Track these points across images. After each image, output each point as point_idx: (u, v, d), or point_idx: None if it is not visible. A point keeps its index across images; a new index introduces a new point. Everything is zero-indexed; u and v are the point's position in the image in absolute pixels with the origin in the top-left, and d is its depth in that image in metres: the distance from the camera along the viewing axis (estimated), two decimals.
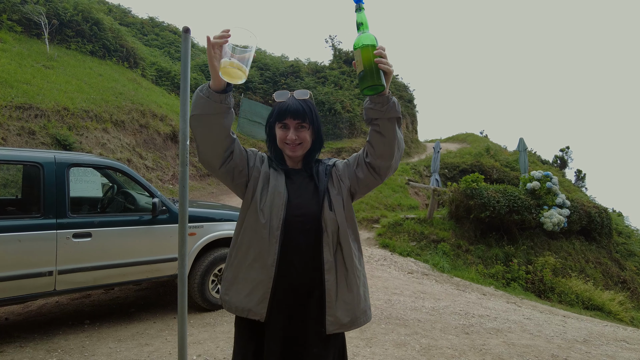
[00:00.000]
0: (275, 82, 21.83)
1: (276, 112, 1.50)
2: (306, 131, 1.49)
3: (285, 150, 1.51)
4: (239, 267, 1.48)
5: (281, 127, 1.48)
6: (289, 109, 1.45)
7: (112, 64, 14.25)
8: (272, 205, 1.43)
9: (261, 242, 1.42)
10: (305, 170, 1.58)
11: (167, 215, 3.97)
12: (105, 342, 3.50)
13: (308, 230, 1.45)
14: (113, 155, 9.05)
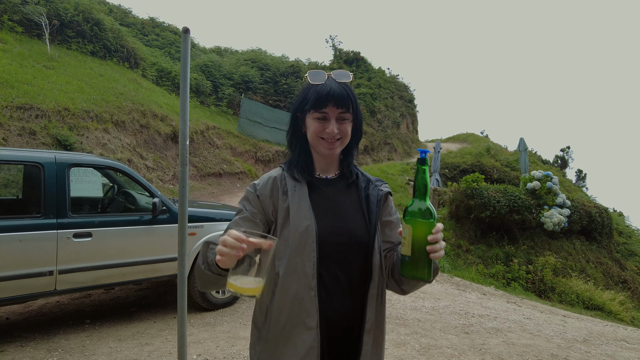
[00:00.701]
0: (276, 82, 21.83)
1: (314, 99, 1.16)
2: (348, 123, 1.19)
3: (318, 146, 1.20)
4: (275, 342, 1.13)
5: (318, 118, 1.17)
6: (332, 95, 1.14)
7: (113, 64, 14.27)
8: (299, 239, 1.10)
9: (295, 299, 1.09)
10: (341, 178, 1.28)
11: (167, 215, 3.99)
12: (106, 341, 3.51)
13: (350, 263, 1.15)
14: (114, 156, 9.06)
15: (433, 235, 0.97)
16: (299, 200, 1.15)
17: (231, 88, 20.00)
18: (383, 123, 23.51)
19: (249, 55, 23.63)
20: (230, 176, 12.93)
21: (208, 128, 13.80)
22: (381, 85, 25.06)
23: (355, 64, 25.51)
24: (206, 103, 18.41)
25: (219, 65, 20.93)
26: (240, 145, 14.93)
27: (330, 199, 1.22)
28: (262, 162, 15.49)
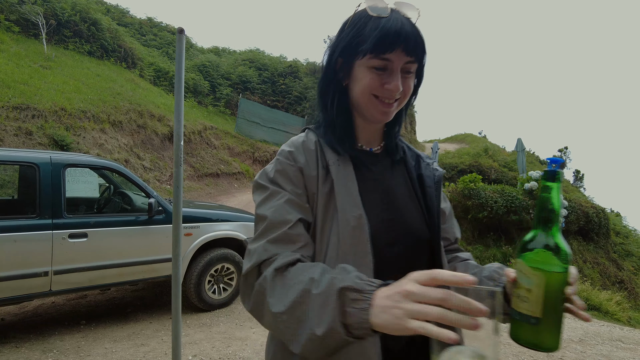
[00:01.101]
0: (274, 83, 21.83)
1: (376, 37, 0.80)
2: (411, 78, 0.88)
3: (369, 108, 0.88)
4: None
5: (377, 67, 0.83)
6: (403, 35, 0.80)
7: (110, 64, 14.25)
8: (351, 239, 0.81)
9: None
10: (387, 153, 1.00)
11: (163, 216, 3.98)
12: (101, 342, 3.50)
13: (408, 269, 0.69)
14: (110, 156, 9.05)
15: (572, 288, 0.69)
16: (346, 181, 0.86)
17: (229, 88, 20.00)
18: None
19: (247, 55, 23.63)
20: (227, 177, 12.92)
21: (205, 128, 13.78)
22: None
23: None
24: (204, 103, 18.40)
25: (217, 65, 20.91)
26: (238, 145, 14.92)
27: (378, 180, 0.93)
28: (259, 163, 15.48)
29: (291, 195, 0.85)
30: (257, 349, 3.48)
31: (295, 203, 0.84)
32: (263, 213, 0.84)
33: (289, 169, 0.87)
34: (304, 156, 0.89)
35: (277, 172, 0.88)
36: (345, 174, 0.88)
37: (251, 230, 4.67)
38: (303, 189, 0.87)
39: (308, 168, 0.88)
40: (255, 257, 0.80)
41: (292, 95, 21.46)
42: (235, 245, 4.57)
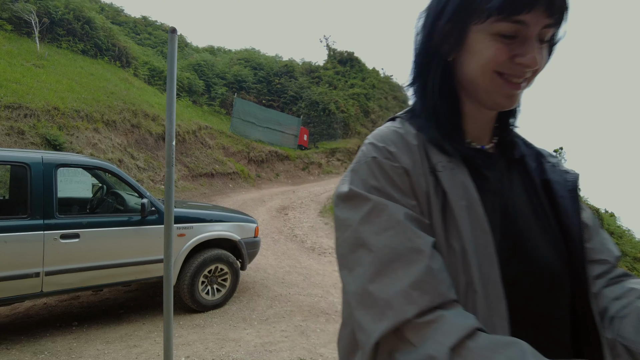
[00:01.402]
0: (269, 82, 21.81)
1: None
2: (546, 49, 0.65)
3: (490, 90, 0.66)
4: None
5: (505, 35, 0.61)
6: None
7: (104, 63, 14.17)
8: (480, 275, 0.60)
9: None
10: (501, 152, 0.77)
11: (156, 216, 3.95)
12: (93, 343, 3.47)
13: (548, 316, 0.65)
14: (104, 156, 8.99)
15: None
16: (466, 195, 0.63)
17: (224, 87, 19.96)
18: (377, 123, 23.54)
19: (242, 54, 23.60)
20: (222, 176, 12.88)
21: (200, 128, 13.73)
22: (375, 86, 25.12)
23: (349, 64, 25.55)
24: (198, 103, 18.35)
25: (212, 64, 20.86)
26: (233, 145, 14.88)
27: (496, 192, 0.69)
28: (254, 163, 15.45)
29: (407, 208, 0.61)
30: (250, 350, 3.47)
31: (417, 220, 0.61)
32: (368, 239, 0.59)
33: (393, 171, 0.64)
34: (408, 154, 0.66)
35: (378, 175, 0.64)
36: (462, 184, 0.64)
37: (245, 231, 4.66)
38: (416, 200, 0.63)
39: (415, 171, 0.64)
40: (392, 313, 0.53)
41: (287, 95, 21.45)
42: (229, 246, 4.55)
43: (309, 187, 14.65)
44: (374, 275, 0.57)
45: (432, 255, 0.57)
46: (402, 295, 0.54)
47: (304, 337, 3.80)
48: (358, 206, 0.63)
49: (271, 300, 4.79)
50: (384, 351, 0.56)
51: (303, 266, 6.49)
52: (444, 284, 0.55)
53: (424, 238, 0.58)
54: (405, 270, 0.55)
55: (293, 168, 17.08)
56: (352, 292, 0.60)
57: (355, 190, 0.64)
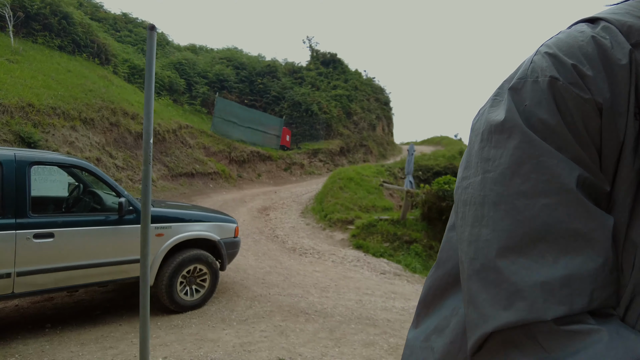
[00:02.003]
0: (252, 82, 21.69)
1: None
2: None
3: None
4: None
5: None
6: None
7: (82, 60, 13.85)
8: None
9: None
10: None
11: (134, 216, 3.89)
12: (67, 346, 3.40)
13: None
14: (82, 154, 8.79)
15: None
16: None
17: (205, 87, 19.76)
18: (359, 125, 23.68)
19: (225, 53, 23.40)
20: (202, 176, 12.75)
21: (181, 127, 13.57)
22: (357, 88, 25.25)
23: (332, 66, 25.62)
24: (179, 101, 18.11)
25: (194, 63, 20.63)
26: (214, 145, 14.75)
27: None
28: (236, 163, 15.35)
29: (584, 167, 0.44)
30: (228, 350, 3.45)
31: (594, 188, 0.44)
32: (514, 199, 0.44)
33: (578, 107, 0.45)
34: (609, 81, 0.44)
35: (553, 107, 0.45)
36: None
37: (225, 231, 4.63)
38: (598, 151, 0.45)
39: (614, 109, 0.44)
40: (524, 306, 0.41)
41: (270, 95, 21.38)
42: (208, 246, 4.51)
43: (291, 188, 14.63)
44: (508, 250, 0.43)
45: (606, 249, 0.41)
46: (544, 289, 0.40)
47: (284, 337, 3.80)
48: (512, 147, 0.46)
49: (251, 300, 4.77)
50: (498, 342, 0.44)
51: (284, 266, 6.48)
52: (608, 288, 0.41)
53: (598, 219, 0.41)
54: (556, 258, 0.41)
55: (275, 168, 17.03)
56: (469, 253, 0.47)
57: (515, 121, 0.46)
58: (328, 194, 11.79)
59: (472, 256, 0.46)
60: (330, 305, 4.82)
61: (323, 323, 4.23)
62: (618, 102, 0.43)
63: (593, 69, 0.44)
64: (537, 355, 0.40)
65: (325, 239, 9.05)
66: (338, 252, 7.88)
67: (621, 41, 0.45)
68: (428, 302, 0.62)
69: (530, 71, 0.48)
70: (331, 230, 9.65)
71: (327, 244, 8.67)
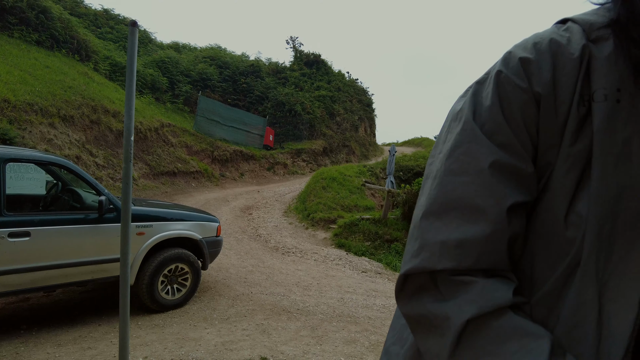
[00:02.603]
0: (235, 81, 21.57)
1: None
2: None
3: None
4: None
5: None
6: None
7: (61, 56, 13.55)
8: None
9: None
10: None
11: (114, 214, 3.85)
12: (43, 347, 3.34)
13: None
14: (60, 152, 8.62)
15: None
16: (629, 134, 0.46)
17: (188, 85, 19.57)
18: (342, 126, 23.79)
19: (208, 52, 23.21)
20: (185, 175, 12.63)
21: (163, 125, 13.41)
22: (340, 89, 25.36)
23: (315, 66, 25.67)
24: (162, 100, 17.89)
25: (177, 61, 20.40)
26: (197, 144, 14.62)
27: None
28: (219, 162, 15.24)
29: (502, 151, 0.51)
30: (210, 349, 3.45)
31: (509, 170, 0.51)
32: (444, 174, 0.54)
33: (515, 96, 0.51)
34: (551, 72, 0.50)
35: (494, 96, 0.52)
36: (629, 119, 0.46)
37: (207, 230, 4.62)
38: (532, 136, 0.51)
39: (552, 99, 0.49)
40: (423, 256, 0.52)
41: (253, 95, 21.30)
42: (190, 245, 4.49)
43: (274, 187, 14.61)
44: (429, 214, 0.53)
45: (496, 222, 0.49)
46: (442, 245, 0.50)
47: (266, 336, 3.81)
48: (456, 132, 0.55)
49: (233, 299, 4.76)
50: (413, 284, 0.54)
51: (266, 265, 6.49)
52: (496, 254, 0.49)
53: (500, 198, 0.49)
54: (458, 225, 0.50)
55: (258, 168, 16.98)
56: (413, 215, 0.58)
57: (465, 110, 0.55)
58: (311, 194, 11.83)
59: (413, 219, 0.58)
60: (313, 303, 4.85)
61: (305, 321, 4.26)
62: (563, 91, 0.49)
63: (540, 62, 0.51)
64: (436, 297, 0.51)
65: (308, 238, 9.08)
66: (320, 251, 7.92)
67: (578, 38, 0.51)
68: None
69: (492, 67, 0.56)
70: (314, 230, 9.69)
71: (310, 243, 8.70)
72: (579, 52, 0.49)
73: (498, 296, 0.47)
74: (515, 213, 0.50)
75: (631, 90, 0.46)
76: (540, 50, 0.51)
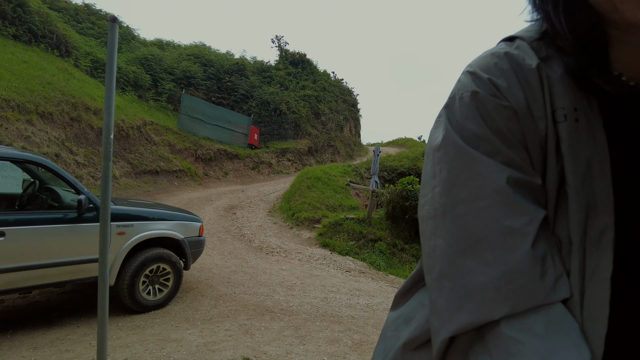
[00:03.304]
0: (219, 79, 21.39)
1: None
2: None
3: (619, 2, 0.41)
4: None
5: None
6: None
7: (40, 51, 13.23)
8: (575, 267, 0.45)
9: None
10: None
11: (94, 214, 3.78)
12: (18, 350, 3.25)
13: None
14: (39, 150, 8.41)
15: None
16: (588, 154, 0.47)
17: (172, 83, 19.33)
18: (327, 125, 23.82)
19: (192, 50, 22.98)
20: (167, 174, 12.47)
21: (145, 123, 13.21)
22: (326, 89, 25.40)
23: (301, 66, 25.64)
24: (144, 97, 17.63)
25: (160, 59, 20.14)
26: (180, 142, 14.45)
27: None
28: (202, 161, 15.10)
29: (511, 169, 0.47)
30: (192, 350, 3.41)
31: (525, 184, 0.47)
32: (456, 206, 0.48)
33: (499, 114, 0.49)
34: (520, 88, 0.50)
35: (478, 117, 0.50)
36: (587, 139, 0.47)
37: (189, 229, 4.57)
38: (525, 151, 0.49)
39: (529, 115, 0.49)
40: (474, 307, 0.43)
41: (238, 93, 21.17)
42: (172, 245, 4.43)
43: (258, 187, 14.55)
44: (457, 255, 0.45)
45: (537, 237, 0.43)
46: (490, 287, 0.42)
47: (249, 336, 3.79)
48: (449, 160, 0.50)
49: (215, 299, 4.72)
50: (459, 347, 0.45)
51: (250, 265, 6.45)
52: (548, 278, 0.43)
53: (528, 214, 0.44)
54: (495, 257, 0.43)
55: (242, 167, 16.88)
56: (428, 265, 0.50)
57: (450, 137, 0.50)
58: (296, 193, 11.82)
59: (431, 267, 0.49)
60: (296, 303, 4.85)
61: (288, 321, 4.25)
62: (536, 106, 0.48)
63: (507, 80, 0.50)
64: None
65: (292, 238, 9.07)
66: (305, 251, 7.91)
67: (531, 54, 0.51)
68: (404, 292, 0.68)
69: (457, 89, 0.53)
70: (298, 229, 9.67)
71: (294, 242, 8.69)
72: (536, 70, 0.50)
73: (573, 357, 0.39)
74: (544, 229, 0.45)
75: (585, 108, 0.47)
76: (504, 69, 0.51)
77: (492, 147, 0.48)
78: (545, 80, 0.49)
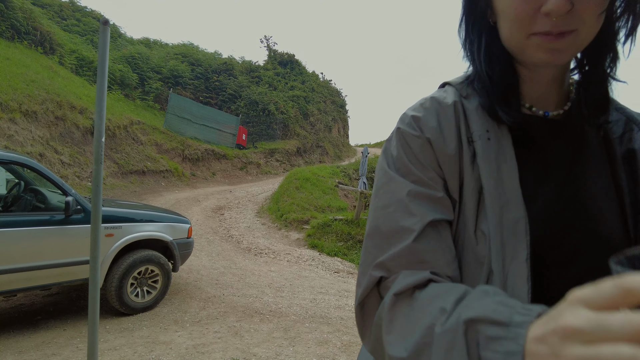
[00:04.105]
0: (207, 79, 21.25)
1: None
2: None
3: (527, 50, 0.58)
4: None
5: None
6: None
7: (23, 48, 12.98)
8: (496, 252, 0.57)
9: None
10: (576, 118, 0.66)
11: (82, 215, 3.74)
12: (3, 355, 3.20)
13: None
14: (22, 149, 8.26)
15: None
16: (498, 164, 0.60)
17: (159, 82, 19.14)
18: (316, 126, 23.84)
19: (180, 49, 22.78)
20: (154, 174, 12.35)
21: (132, 123, 13.06)
22: (314, 89, 25.41)
23: (289, 66, 25.63)
24: (131, 97, 17.43)
25: (147, 57, 19.92)
26: (167, 142, 14.31)
27: (554, 164, 0.64)
28: (189, 161, 14.98)
29: (416, 185, 0.61)
30: (181, 352, 3.40)
31: (423, 196, 0.60)
32: (373, 212, 0.64)
33: (413, 142, 0.64)
34: (436, 121, 0.64)
35: (398, 145, 0.66)
36: (498, 152, 0.60)
37: (178, 231, 4.54)
38: (436, 170, 0.63)
39: (441, 139, 0.63)
40: (365, 280, 0.60)
41: (226, 93, 21.06)
42: (160, 247, 4.41)
43: (246, 187, 14.50)
44: (367, 243, 0.63)
45: (420, 236, 0.57)
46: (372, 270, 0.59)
47: (238, 338, 3.79)
48: (379, 177, 0.67)
49: (204, 301, 4.70)
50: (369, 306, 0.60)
51: (238, 267, 6.44)
52: (425, 263, 0.56)
53: (418, 216, 0.59)
54: (383, 249, 0.59)
55: (230, 167, 16.79)
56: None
57: (381, 162, 0.68)
58: (284, 194, 11.80)
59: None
60: (285, 304, 4.85)
61: (277, 323, 4.25)
62: (447, 133, 0.64)
63: (426, 115, 0.66)
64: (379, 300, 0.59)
65: (281, 239, 9.06)
66: (293, 252, 7.92)
67: (452, 95, 0.68)
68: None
69: (396, 125, 0.69)
70: (287, 230, 9.67)
71: (283, 243, 8.69)
72: (452, 105, 0.65)
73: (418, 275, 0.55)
74: (438, 227, 0.60)
75: (496, 130, 0.62)
76: (425, 107, 0.67)
77: (406, 170, 0.63)
78: (460, 112, 0.65)
